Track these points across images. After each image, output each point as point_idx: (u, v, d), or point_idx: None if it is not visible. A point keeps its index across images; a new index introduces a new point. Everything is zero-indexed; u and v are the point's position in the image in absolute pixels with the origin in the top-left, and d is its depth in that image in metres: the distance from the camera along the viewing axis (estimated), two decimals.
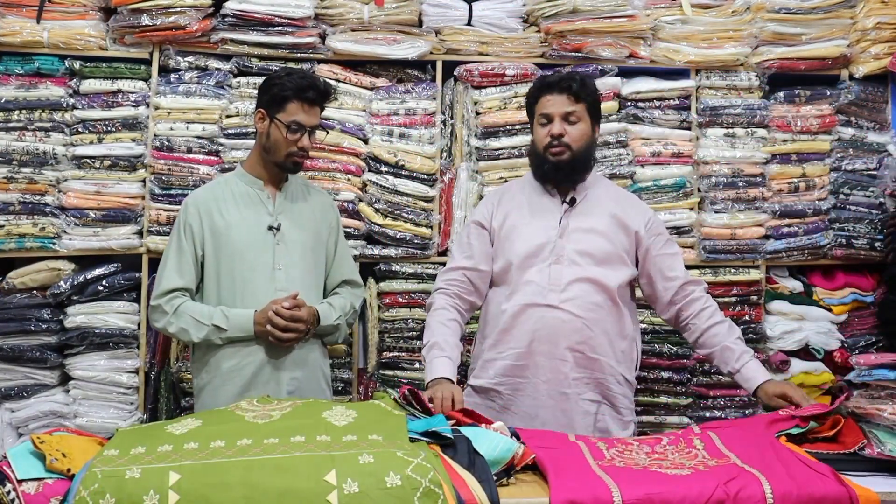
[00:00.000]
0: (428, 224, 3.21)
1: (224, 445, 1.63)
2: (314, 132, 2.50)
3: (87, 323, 3.05)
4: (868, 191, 3.37)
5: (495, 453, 1.71)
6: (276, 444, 1.63)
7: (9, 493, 1.53)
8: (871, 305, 3.38)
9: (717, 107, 3.33)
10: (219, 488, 1.51)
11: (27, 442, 1.68)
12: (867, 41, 3.34)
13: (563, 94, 2.34)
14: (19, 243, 3.05)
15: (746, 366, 2.28)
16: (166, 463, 1.56)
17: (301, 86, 2.42)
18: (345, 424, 1.74)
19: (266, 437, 1.67)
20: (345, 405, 1.87)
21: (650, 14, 3.31)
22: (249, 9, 3.11)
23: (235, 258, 2.45)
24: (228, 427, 1.73)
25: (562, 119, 2.35)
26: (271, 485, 1.52)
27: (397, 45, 3.21)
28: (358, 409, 1.85)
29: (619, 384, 2.36)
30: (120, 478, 1.52)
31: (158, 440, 1.68)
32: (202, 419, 1.81)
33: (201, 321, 2.40)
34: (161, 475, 1.52)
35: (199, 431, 1.71)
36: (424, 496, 1.51)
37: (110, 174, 3.10)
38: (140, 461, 1.58)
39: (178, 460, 1.57)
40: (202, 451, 1.61)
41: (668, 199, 3.28)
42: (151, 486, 1.50)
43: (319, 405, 1.88)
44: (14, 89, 3.06)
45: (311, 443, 1.64)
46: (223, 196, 2.50)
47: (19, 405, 3.05)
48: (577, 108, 2.35)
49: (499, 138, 3.24)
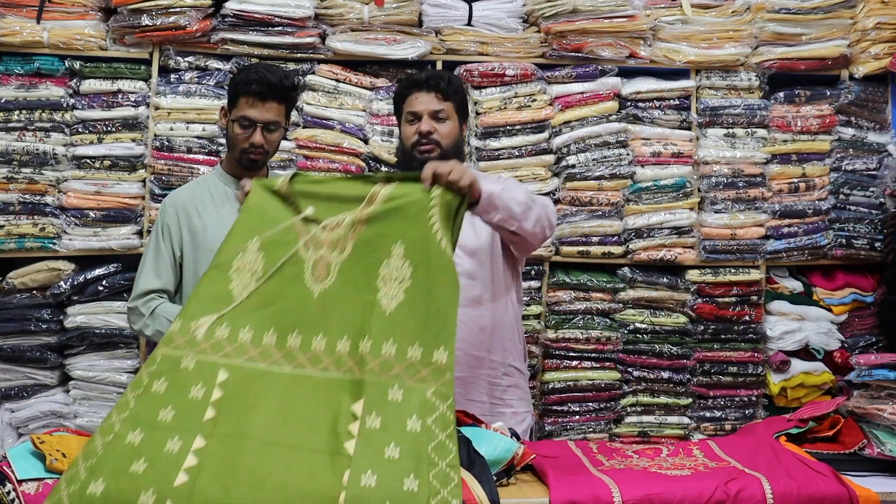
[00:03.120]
0: None
1: (275, 343, 1.68)
2: (273, 129, 2.37)
3: (87, 323, 3.05)
4: (868, 191, 3.37)
5: (495, 453, 1.71)
6: (322, 354, 1.67)
7: (9, 493, 1.53)
8: (871, 305, 3.38)
9: (717, 107, 3.33)
10: (260, 397, 1.60)
11: (27, 442, 1.68)
12: (867, 41, 3.34)
13: (432, 92, 2.32)
14: (19, 243, 3.05)
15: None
16: (219, 356, 1.65)
17: (249, 79, 2.33)
18: (393, 310, 1.68)
19: (315, 332, 1.69)
20: (403, 257, 1.72)
21: (650, 14, 3.31)
22: (249, 9, 3.12)
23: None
24: (286, 298, 1.74)
25: (430, 117, 2.32)
26: (304, 404, 1.59)
27: (397, 45, 3.21)
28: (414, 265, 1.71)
29: (508, 376, 2.34)
30: (175, 365, 1.64)
31: (221, 301, 1.73)
32: (265, 264, 1.78)
33: None
34: (212, 370, 1.63)
35: (260, 300, 1.74)
36: (436, 449, 1.52)
37: (110, 174, 3.10)
38: (196, 347, 1.66)
39: (231, 356, 1.66)
40: (255, 348, 1.68)
41: (668, 200, 3.28)
42: (201, 379, 1.62)
43: (377, 251, 1.75)
44: (14, 89, 3.06)
45: (353, 355, 1.65)
46: (201, 196, 2.45)
47: (19, 405, 3.05)
48: (444, 107, 2.33)
49: (499, 138, 3.24)
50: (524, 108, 3.24)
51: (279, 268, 1.77)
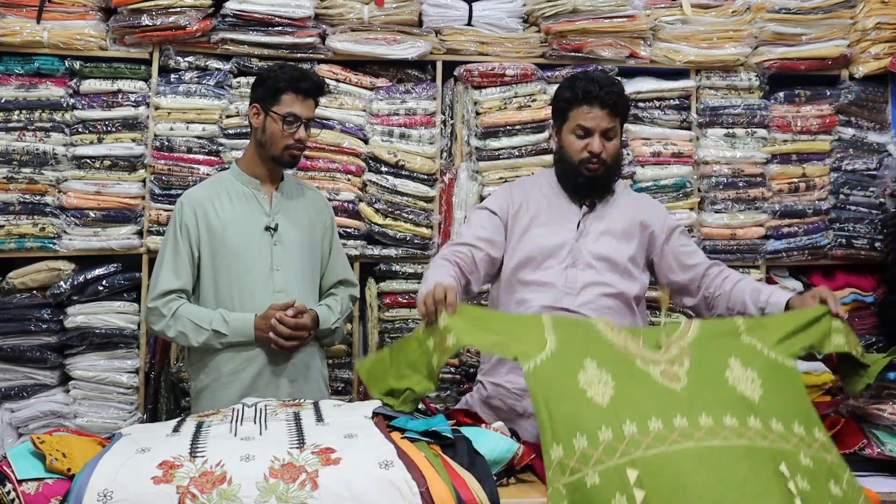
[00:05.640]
0: (428, 224, 3.21)
1: (662, 427, 1.60)
2: (309, 125, 2.47)
3: (87, 323, 3.05)
4: (868, 191, 3.37)
5: (495, 453, 1.71)
6: (717, 427, 1.61)
7: (9, 493, 1.53)
8: (871, 305, 3.37)
9: (717, 107, 3.33)
10: (680, 475, 1.52)
11: (27, 442, 1.68)
12: (867, 41, 3.34)
13: (605, 109, 2.26)
14: (19, 243, 3.05)
15: (775, 293, 2.22)
16: (618, 458, 1.55)
17: (295, 77, 2.41)
18: (758, 400, 1.69)
19: (697, 413, 1.63)
20: (742, 366, 1.78)
21: (650, 14, 3.31)
22: (249, 9, 3.12)
23: (232, 259, 2.41)
24: (649, 394, 1.69)
25: (601, 135, 2.28)
26: (731, 469, 1.53)
27: (397, 45, 3.21)
28: (761, 370, 1.77)
29: None
30: (582, 488, 1.54)
31: (588, 411, 1.64)
32: (612, 375, 1.72)
33: (201, 325, 2.37)
34: (620, 474, 1.53)
35: (624, 400, 1.67)
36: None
37: (110, 174, 3.10)
38: (589, 459, 1.57)
39: (629, 452, 1.56)
40: (646, 437, 1.59)
41: (668, 199, 3.28)
42: (616, 489, 1.51)
43: (715, 364, 1.78)
44: (14, 89, 3.06)
45: (745, 428, 1.62)
46: (218, 195, 2.46)
47: (19, 405, 3.05)
48: (615, 124, 2.29)
49: (499, 138, 3.24)
50: (524, 108, 3.24)
51: (631, 375, 1.75)
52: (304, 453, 1.61)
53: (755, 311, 2.23)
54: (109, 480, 1.52)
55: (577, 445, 1.59)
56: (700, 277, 2.38)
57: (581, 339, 1.82)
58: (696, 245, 2.49)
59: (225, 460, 1.57)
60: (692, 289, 2.39)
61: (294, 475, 1.55)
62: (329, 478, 1.54)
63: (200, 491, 1.50)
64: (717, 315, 2.35)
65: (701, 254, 2.44)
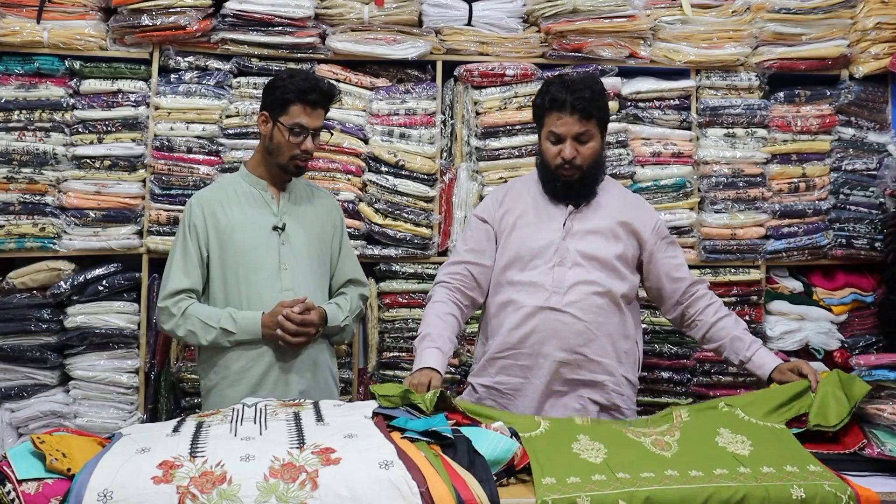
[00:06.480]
0: (428, 224, 3.21)
1: (654, 476, 1.69)
2: (318, 134, 2.48)
3: (87, 323, 3.05)
4: (868, 191, 3.37)
5: (495, 453, 1.71)
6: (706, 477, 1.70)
7: (9, 493, 1.53)
8: (871, 305, 3.38)
9: (717, 107, 3.33)
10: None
11: (27, 442, 1.68)
12: (867, 41, 3.34)
13: (575, 114, 2.26)
14: (19, 243, 3.05)
15: (757, 353, 2.29)
16: (610, 490, 1.63)
17: (303, 88, 2.41)
18: (748, 455, 1.78)
19: (689, 467, 1.73)
20: (732, 433, 1.88)
21: (650, 14, 3.31)
22: (249, 9, 3.12)
23: (240, 258, 2.44)
24: (641, 456, 1.77)
25: (573, 140, 2.28)
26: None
27: (397, 45, 3.21)
28: (750, 433, 1.88)
29: (621, 385, 2.35)
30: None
31: (573, 468, 1.71)
32: (604, 444, 1.82)
33: (209, 324, 2.39)
34: (612, 501, 1.61)
35: (617, 459, 1.75)
36: None
37: (110, 174, 3.10)
38: (582, 489, 1.64)
39: (621, 487, 1.64)
40: (637, 480, 1.67)
41: (668, 199, 3.28)
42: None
43: (704, 434, 1.89)
44: (14, 89, 3.07)
45: (734, 474, 1.71)
46: (227, 196, 2.49)
47: (19, 405, 3.05)
48: (588, 127, 2.28)
49: (499, 138, 3.24)
50: (524, 108, 3.24)
51: (623, 443, 1.83)
52: (304, 453, 1.61)
53: (735, 361, 2.34)
54: (109, 480, 1.52)
55: (569, 481, 1.67)
56: (681, 293, 2.41)
57: (571, 425, 1.94)
58: (686, 253, 2.53)
59: (225, 460, 1.58)
60: (672, 302, 2.43)
61: (294, 475, 1.55)
62: (329, 478, 1.54)
63: (200, 491, 1.50)
64: (690, 336, 2.47)
65: (686, 268, 2.47)
